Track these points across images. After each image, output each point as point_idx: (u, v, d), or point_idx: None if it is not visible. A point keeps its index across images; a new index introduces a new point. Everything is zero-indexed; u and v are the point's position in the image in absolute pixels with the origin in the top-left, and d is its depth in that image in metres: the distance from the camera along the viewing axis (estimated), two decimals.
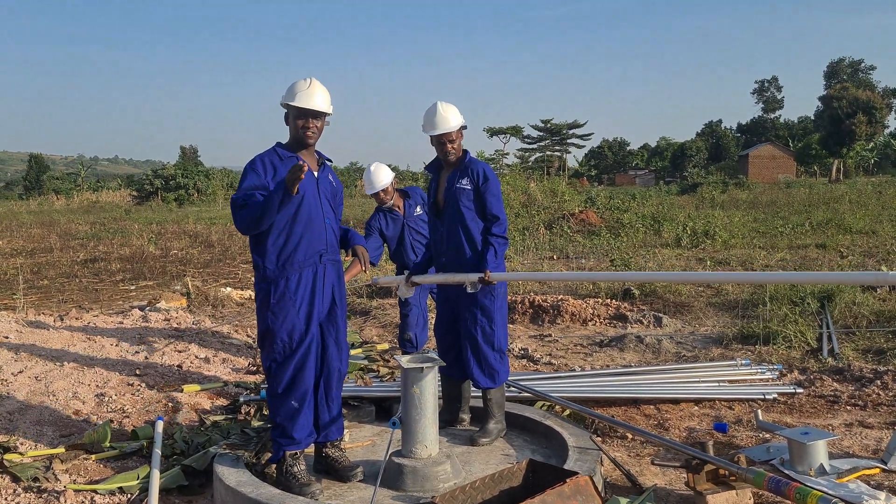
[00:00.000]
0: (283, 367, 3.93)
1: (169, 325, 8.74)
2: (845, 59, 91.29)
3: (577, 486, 3.06)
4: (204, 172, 52.75)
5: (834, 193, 30.89)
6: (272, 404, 4.00)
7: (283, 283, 3.90)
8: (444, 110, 4.54)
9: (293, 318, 3.90)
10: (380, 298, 10.74)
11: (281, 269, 3.90)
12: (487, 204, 4.54)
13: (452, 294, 4.67)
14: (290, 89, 3.98)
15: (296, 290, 3.90)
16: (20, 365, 6.58)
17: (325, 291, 4.01)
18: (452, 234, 4.60)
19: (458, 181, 4.56)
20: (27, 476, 4.21)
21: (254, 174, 3.89)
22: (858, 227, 17.33)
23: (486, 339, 4.55)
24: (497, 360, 4.59)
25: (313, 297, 3.95)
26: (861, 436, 4.76)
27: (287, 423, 3.94)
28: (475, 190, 4.53)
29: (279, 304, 3.90)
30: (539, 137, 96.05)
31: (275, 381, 3.95)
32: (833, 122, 64.59)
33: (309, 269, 3.94)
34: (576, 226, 19.38)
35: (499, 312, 4.62)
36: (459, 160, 4.62)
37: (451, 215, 4.59)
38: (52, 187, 65.69)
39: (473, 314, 4.55)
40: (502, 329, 4.65)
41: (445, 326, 4.77)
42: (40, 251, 19.63)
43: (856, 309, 8.14)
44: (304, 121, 3.95)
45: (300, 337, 3.92)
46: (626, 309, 8.97)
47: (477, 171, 4.55)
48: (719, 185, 38.83)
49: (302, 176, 3.59)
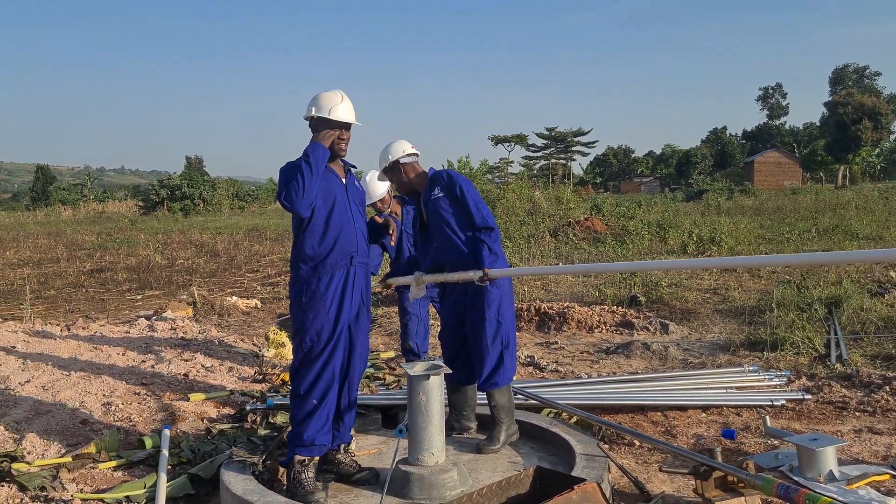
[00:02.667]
0: (309, 366, 3.98)
1: (175, 334, 8.75)
2: (850, 65, 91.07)
3: (585, 493, 3.05)
4: (209, 182, 52.95)
5: (840, 199, 30.81)
6: (294, 405, 4.05)
7: (315, 282, 3.99)
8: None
9: (322, 317, 3.98)
10: (385, 307, 10.74)
11: (314, 269, 4.00)
12: (461, 199, 4.59)
13: (459, 296, 4.67)
14: (320, 103, 4.09)
15: (326, 290, 3.99)
16: (27, 374, 6.59)
17: (355, 294, 4.10)
18: (447, 243, 4.63)
19: (431, 194, 4.69)
20: (34, 485, 4.21)
21: (292, 171, 3.98)
22: (865, 233, 17.28)
23: (493, 334, 4.54)
24: (505, 355, 4.57)
25: (343, 298, 4.03)
26: (870, 442, 4.74)
27: (303, 425, 3.95)
28: (448, 193, 4.63)
29: (310, 303, 3.98)
30: (544, 145, 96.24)
31: (300, 380, 4.00)
32: (838, 129, 64.55)
33: (340, 271, 4.04)
34: (581, 233, 19.35)
35: (505, 306, 4.62)
36: (424, 179, 4.78)
37: (437, 225, 4.67)
38: (58, 198, 66.02)
39: (481, 309, 4.55)
40: (509, 324, 4.65)
41: (451, 331, 4.76)
42: (47, 261, 19.71)
43: (864, 315, 8.11)
44: (339, 133, 4.11)
45: (328, 337, 3.98)
46: (632, 316, 8.95)
47: (442, 177, 4.72)
48: (725, 191, 38.84)
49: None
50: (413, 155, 4.77)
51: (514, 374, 4.68)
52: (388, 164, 4.75)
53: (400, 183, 4.82)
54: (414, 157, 4.78)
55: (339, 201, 4.07)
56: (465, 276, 4.49)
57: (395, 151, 4.74)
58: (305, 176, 3.88)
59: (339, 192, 4.09)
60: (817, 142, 75.66)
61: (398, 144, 4.77)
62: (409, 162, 4.75)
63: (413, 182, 4.78)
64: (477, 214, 4.57)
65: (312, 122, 4.12)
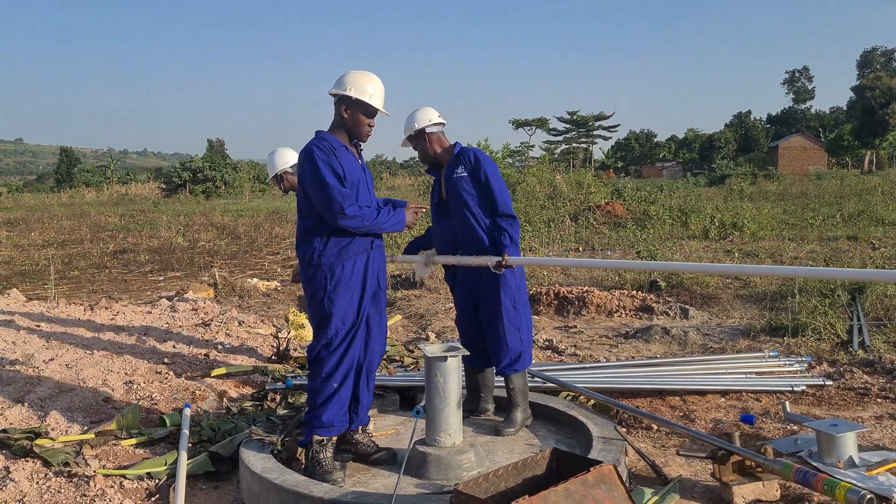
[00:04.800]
0: (333, 352, 3.94)
1: (196, 315, 8.84)
2: (878, 48, 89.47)
3: (601, 475, 3.04)
4: (231, 165, 53.24)
5: (866, 185, 30.35)
6: (312, 387, 4.01)
7: (340, 269, 3.93)
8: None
9: (347, 304, 3.94)
10: (405, 290, 10.76)
11: (338, 255, 3.93)
12: (485, 184, 4.48)
13: (472, 281, 4.61)
14: (361, 85, 3.97)
15: (350, 276, 3.95)
16: (51, 353, 6.70)
17: (373, 277, 4.07)
18: (464, 224, 4.54)
19: (454, 172, 4.57)
20: (58, 461, 4.29)
21: (330, 171, 3.87)
22: (891, 219, 17.02)
23: (511, 320, 4.51)
24: (521, 342, 4.55)
25: (364, 282, 4.00)
26: (891, 428, 4.69)
27: (322, 407, 3.94)
28: (472, 175, 4.50)
29: (336, 291, 3.92)
30: (565, 129, 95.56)
31: (322, 366, 3.95)
32: (866, 113, 63.51)
33: (362, 256, 4.00)
34: (602, 218, 19.24)
35: (521, 292, 4.59)
36: (449, 154, 4.64)
37: (456, 206, 4.56)
38: (82, 180, 66.70)
39: (497, 295, 4.50)
40: (525, 309, 4.63)
41: (468, 318, 4.73)
42: (71, 242, 19.95)
43: (887, 301, 7.99)
44: (370, 120, 4.06)
45: (352, 323, 3.95)
46: (652, 301, 8.90)
47: (469, 157, 4.55)
48: (748, 176, 38.36)
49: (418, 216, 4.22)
50: (440, 125, 4.63)
51: (531, 361, 4.67)
52: (414, 133, 4.60)
53: (423, 153, 4.66)
54: (440, 126, 4.64)
55: (362, 184, 4.02)
56: (480, 260, 4.43)
57: (422, 119, 4.58)
58: (372, 228, 3.94)
59: (360, 175, 4.03)
60: (844, 126, 74.47)
61: (425, 112, 4.60)
62: (434, 132, 4.61)
63: (437, 155, 4.65)
64: (501, 201, 4.48)
65: (345, 100, 3.98)
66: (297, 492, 3.57)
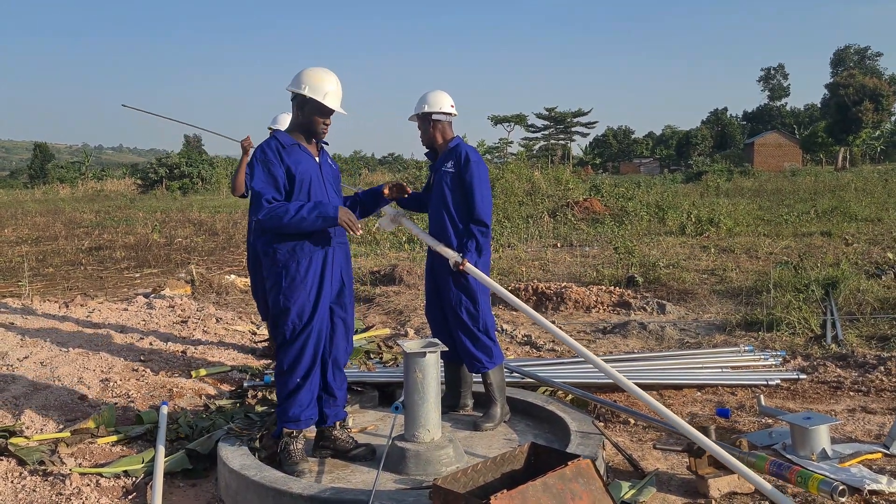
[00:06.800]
0: (291, 345, 3.97)
1: (173, 312, 8.77)
2: (852, 46, 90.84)
3: (579, 469, 3.07)
4: (208, 161, 52.71)
5: (840, 181, 30.75)
6: (278, 382, 4.08)
7: (295, 266, 3.92)
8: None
9: (304, 300, 3.94)
10: (383, 286, 10.75)
11: (292, 253, 3.92)
12: (468, 187, 4.50)
13: (436, 265, 4.66)
14: (315, 84, 3.94)
15: (306, 273, 3.94)
16: (26, 350, 6.62)
17: (335, 273, 4.07)
18: (438, 220, 4.62)
19: (443, 165, 4.62)
20: (33, 460, 4.24)
21: (264, 172, 3.87)
22: (864, 215, 17.26)
23: (473, 320, 4.55)
24: (486, 341, 4.58)
25: (322, 279, 3.99)
26: (864, 421, 4.77)
27: (288, 401, 4.00)
28: (458, 173, 4.53)
29: (290, 288, 3.92)
30: (543, 126, 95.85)
31: (283, 358, 4.00)
32: (839, 110, 64.36)
33: (319, 253, 3.98)
34: (580, 214, 19.34)
35: (482, 292, 4.61)
36: (447, 145, 4.68)
37: (436, 196, 4.64)
38: (56, 176, 65.78)
39: (457, 295, 4.55)
40: (486, 308, 4.65)
41: (434, 305, 4.77)
42: (45, 239, 19.69)
43: (860, 296, 8.13)
44: (325, 119, 4.02)
45: (309, 317, 3.96)
46: (629, 296, 8.97)
47: (460, 155, 4.56)
48: (724, 173, 38.69)
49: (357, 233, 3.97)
50: (448, 115, 4.66)
51: (501, 359, 4.69)
52: (421, 114, 4.65)
53: (425, 136, 4.71)
54: (449, 117, 4.67)
55: (315, 182, 3.99)
56: (443, 249, 4.49)
57: (433, 104, 4.62)
58: (292, 224, 3.80)
59: (313, 172, 4.00)
60: (818, 123, 75.40)
61: (439, 98, 4.64)
62: (441, 121, 4.65)
63: (437, 144, 4.70)
64: (480, 207, 4.49)
65: (300, 98, 3.98)
66: (275, 488, 3.56)
